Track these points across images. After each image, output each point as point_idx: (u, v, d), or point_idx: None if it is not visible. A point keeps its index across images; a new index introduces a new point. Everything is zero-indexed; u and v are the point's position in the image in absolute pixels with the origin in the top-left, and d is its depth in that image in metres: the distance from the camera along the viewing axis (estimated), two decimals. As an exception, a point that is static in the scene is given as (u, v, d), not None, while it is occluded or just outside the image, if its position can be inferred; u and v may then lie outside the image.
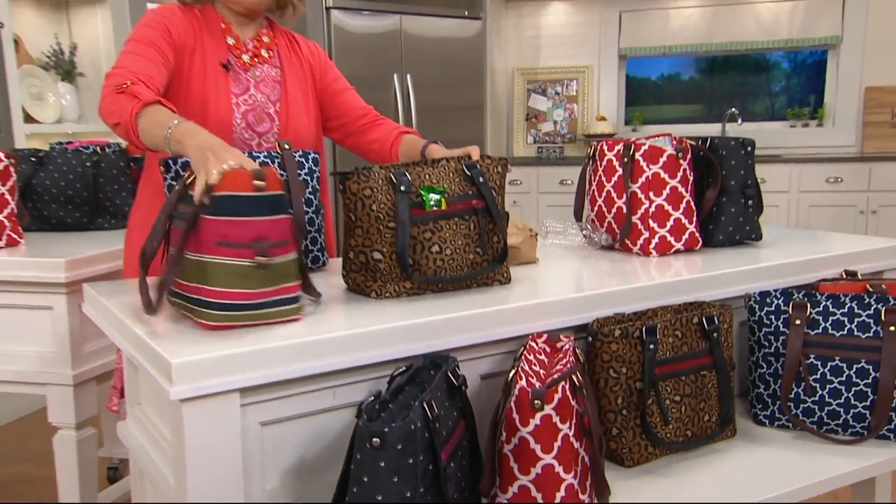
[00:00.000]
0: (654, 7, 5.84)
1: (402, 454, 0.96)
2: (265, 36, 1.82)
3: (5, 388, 1.94)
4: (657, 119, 6.21)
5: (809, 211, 5.21)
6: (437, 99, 5.18)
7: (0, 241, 1.92)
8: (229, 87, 1.74)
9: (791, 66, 6.03)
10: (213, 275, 1.14)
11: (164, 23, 1.67)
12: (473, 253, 1.38)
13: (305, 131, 1.85)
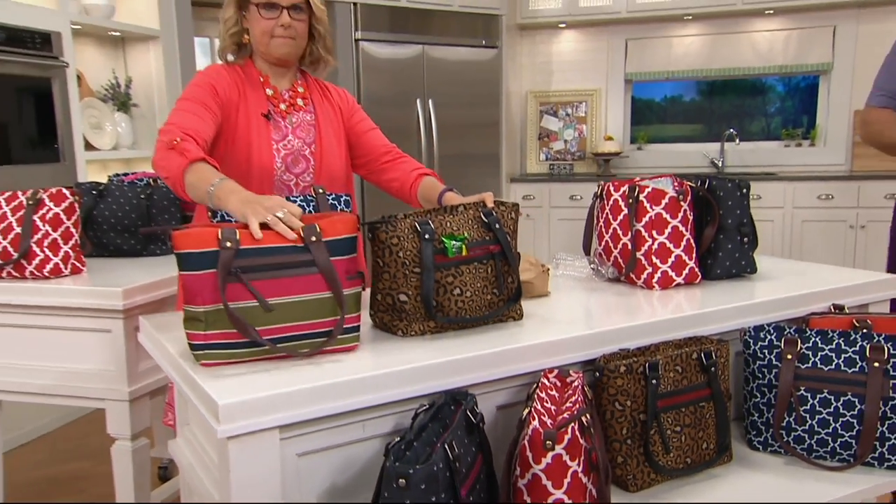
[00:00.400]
0: (658, 36, 5.81)
1: (425, 493, 0.97)
2: (300, 86, 1.89)
3: (69, 402, 1.98)
4: (661, 138, 6.17)
5: (802, 226, 5.16)
6: (457, 119, 5.19)
7: (66, 269, 1.95)
8: (270, 134, 1.79)
9: (785, 89, 5.97)
10: (348, 304, 1.24)
11: (210, 82, 1.73)
12: (491, 294, 1.39)
13: (338, 169, 1.89)
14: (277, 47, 1.78)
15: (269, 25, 1.75)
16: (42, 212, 1.93)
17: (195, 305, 1.18)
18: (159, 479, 2.67)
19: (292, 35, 1.77)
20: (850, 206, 5.04)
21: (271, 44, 1.77)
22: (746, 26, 5.61)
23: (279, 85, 1.86)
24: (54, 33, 3.23)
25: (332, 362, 1.22)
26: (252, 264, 1.19)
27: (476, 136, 5.38)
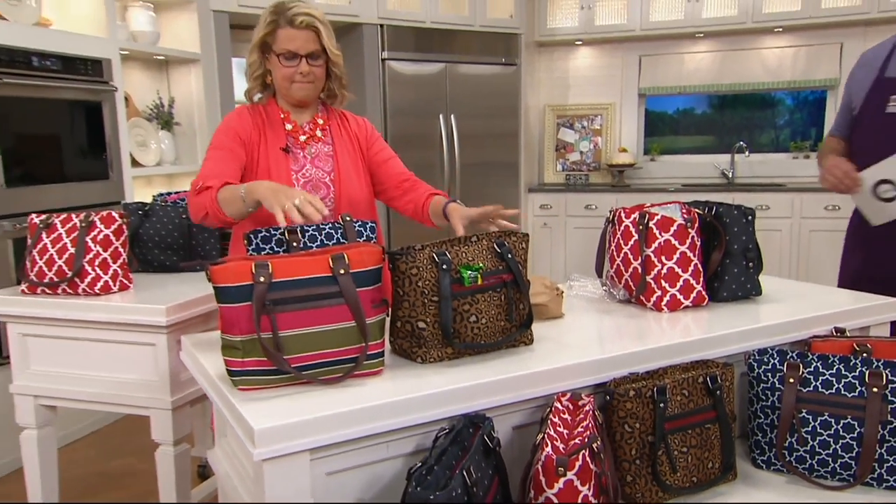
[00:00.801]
0: (671, 52, 5.77)
1: (444, 517, 0.99)
2: (319, 118, 1.96)
3: (117, 409, 2.02)
4: (673, 149, 6.13)
5: (810, 235, 5.10)
6: (478, 131, 5.21)
7: (114, 286, 2.00)
8: (289, 165, 1.87)
9: (794, 102, 5.90)
10: (373, 332, 1.26)
11: (233, 127, 1.84)
12: (504, 320, 1.40)
13: (358, 196, 1.94)
14: (297, 91, 1.86)
15: (289, 72, 1.83)
16: (94, 233, 1.98)
17: (232, 335, 1.21)
18: (198, 477, 2.72)
19: (311, 80, 1.85)
20: (856, 216, 4.97)
21: (292, 88, 1.86)
22: (756, 43, 5.55)
23: (299, 119, 1.94)
24: (105, 60, 3.30)
25: (357, 386, 1.24)
26: (284, 296, 1.21)
27: (496, 147, 5.39)
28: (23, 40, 2.92)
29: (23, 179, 2.92)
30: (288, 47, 1.80)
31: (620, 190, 5.56)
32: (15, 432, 2.12)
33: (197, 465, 2.75)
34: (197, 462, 2.75)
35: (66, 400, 2.04)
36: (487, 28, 5.15)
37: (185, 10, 3.93)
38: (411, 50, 4.85)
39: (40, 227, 2.01)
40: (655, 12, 5.46)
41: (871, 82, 2.19)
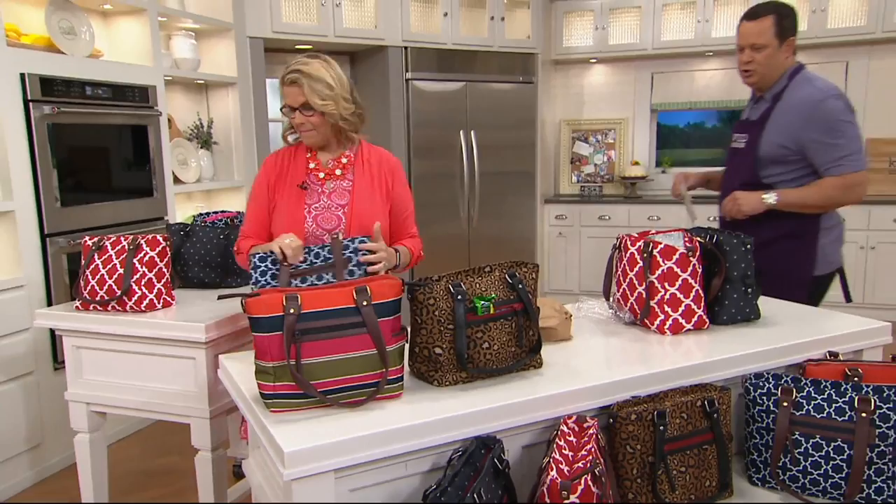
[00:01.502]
0: (682, 70, 5.75)
1: (456, 537, 1.03)
2: (344, 157, 2.03)
3: (160, 417, 2.10)
4: (684, 161, 6.09)
5: (815, 245, 5.03)
6: (496, 145, 5.25)
7: (158, 304, 2.07)
8: (304, 200, 1.98)
9: (801, 116, 5.84)
10: (393, 358, 1.31)
11: (264, 179, 2.03)
12: (515, 346, 1.43)
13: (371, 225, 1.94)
14: (304, 139, 1.99)
15: (294, 122, 1.95)
16: (140, 255, 2.05)
17: (265, 361, 1.26)
18: (233, 476, 2.78)
19: (309, 128, 1.93)
20: (861, 228, 4.92)
21: (301, 136, 1.98)
22: (764, 61, 5.50)
23: (323, 158, 2.03)
24: (150, 87, 3.38)
25: (378, 410, 1.29)
26: (312, 326, 1.26)
27: (513, 160, 5.42)
28: (78, 71, 3.01)
29: (76, 199, 3.01)
30: (285, 102, 1.93)
31: (633, 201, 5.55)
32: (71, 432, 2.20)
33: (232, 465, 2.82)
34: (232, 462, 2.81)
35: (114, 407, 2.12)
36: (506, 49, 5.18)
37: (223, 38, 4.02)
38: (433, 70, 4.89)
39: (93, 249, 2.08)
40: (667, 32, 5.45)
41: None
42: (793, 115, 2.25)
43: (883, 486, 1.37)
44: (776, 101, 2.30)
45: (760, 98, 2.38)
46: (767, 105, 2.33)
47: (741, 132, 2.42)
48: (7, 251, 2.79)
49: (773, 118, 2.29)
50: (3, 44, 2.69)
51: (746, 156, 2.35)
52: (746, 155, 2.35)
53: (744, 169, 2.35)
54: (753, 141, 2.33)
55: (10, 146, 2.72)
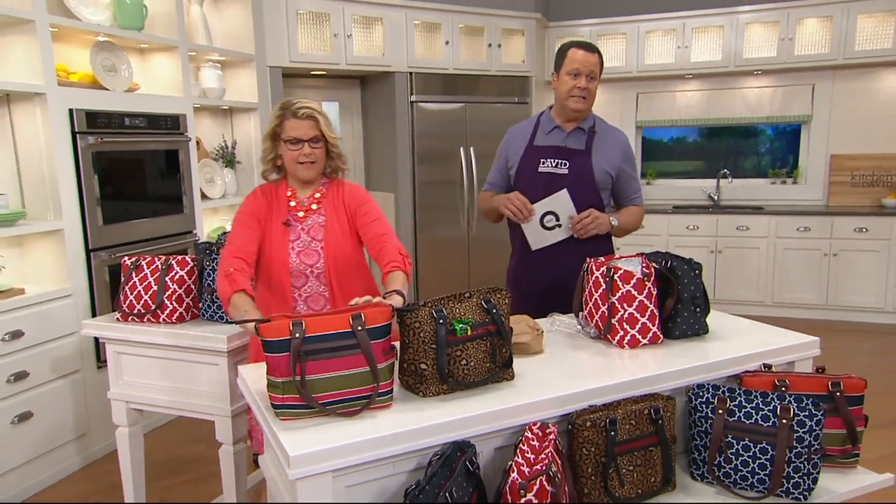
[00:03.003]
0: (665, 90, 5.84)
1: (430, 529, 1.15)
2: (317, 192, 2.05)
3: (188, 414, 2.22)
4: (668, 172, 6.19)
5: (784, 253, 5.13)
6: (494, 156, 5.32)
7: (187, 317, 2.20)
8: (288, 237, 2.00)
9: (774, 132, 5.92)
10: (383, 375, 1.42)
11: (250, 209, 2.02)
12: (489, 362, 1.55)
13: (346, 257, 2.02)
14: (302, 172, 1.98)
15: (295, 155, 1.95)
16: (171, 274, 2.18)
17: (275, 377, 1.39)
18: (254, 464, 2.91)
19: (313, 160, 1.97)
20: (824, 237, 5.00)
21: (298, 169, 1.98)
22: (738, 83, 5.60)
23: (302, 195, 2.05)
24: (181, 115, 3.52)
25: (370, 418, 1.41)
26: (314, 348, 1.38)
27: (511, 173, 5.52)
28: (118, 104, 3.15)
29: (116, 217, 3.15)
30: (293, 135, 1.94)
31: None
32: (112, 425, 2.34)
33: (253, 453, 2.94)
34: (251, 451, 2.94)
35: (149, 405, 2.25)
36: (502, 72, 5.28)
37: (245, 67, 4.15)
38: (436, 93, 5.01)
39: (131, 268, 2.22)
40: (650, 56, 5.53)
41: (523, 149, 2.42)
42: (613, 147, 2.36)
43: (799, 482, 1.48)
44: (592, 133, 2.35)
45: (576, 129, 2.35)
46: (585, 135, 2.35)
47: (560, 158, 2.33)
48: (56, 265, 2.94)
49: (595, 148, 2.34)
50: (54, 84, 2.83)
51: (583, 180, 2.32)
52: (582, 179, 2.32)
53: (586, 191, 2.32)
54: (586, 167, 2.32)
55: (60, 173, 2.87)
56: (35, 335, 2.77)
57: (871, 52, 4.90)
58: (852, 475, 1.62)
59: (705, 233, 5.29)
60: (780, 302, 5.15)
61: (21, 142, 2.88)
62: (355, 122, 5.34)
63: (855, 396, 1.62)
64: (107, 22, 3.19)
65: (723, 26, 5.25)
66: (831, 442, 1.61)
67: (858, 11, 4.88)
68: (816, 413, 1.47)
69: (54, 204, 2.89)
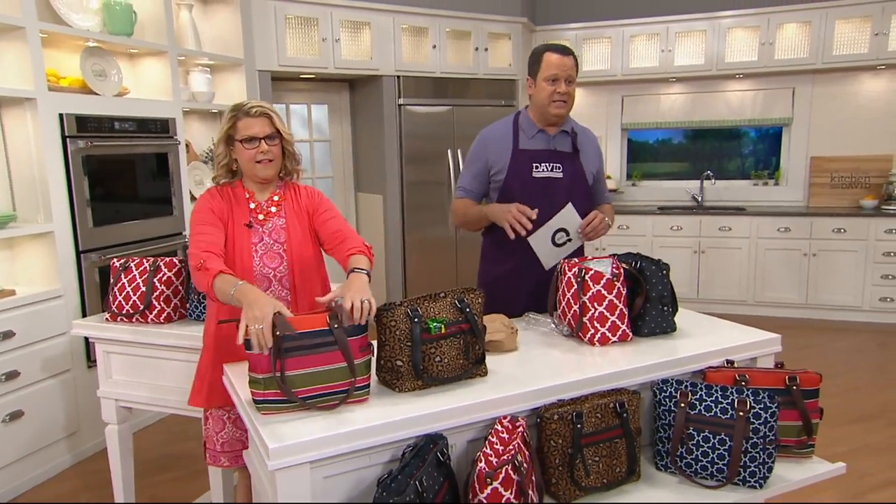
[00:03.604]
0: (649, 93, 5.93)
1: (400, 515, 1.23)
2: (276, 195, 2.02)
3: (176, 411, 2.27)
4: (654, 173, 6.28)
5: (765, 253, 5.23)
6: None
7: (175, 316, 2.25)
8: (251, 239, 1.95)
9: (757, 134, 6.02)
10: (360, 370, 1.49)
11: (208, 206, 1.93)
12: (463, 359, 1.62)
13: (307, 258, 2.01)
14: (261, 171, 1.94)
15: (252, 154, 1.91)
16: (160, 275, 2.24)
17: (256, 373, 1.46)
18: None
19: (271, 158, 1.93)
20: (804, 237, 5.10)
21: (256, 168, 1.93)
22: (721, 87, 5.69)
23: (261, 197, 2.00)
24: (170, 119, 3.58)
25: (348, 412, 1.48)
26: (293, 345, 1.45)
27: (499, 175, 5.59)
28: (108, 109, 3.21)
29: (106, 219, 3.21)
30: (248, 133, 1.90)
31: (604, 211, 5.72)
32: (102, 423, 2.39)
33: (242, 449, 3.01)
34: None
35: (138, 403, 2.31)
36: (489, 76, 5.36)
37: (235, 72, 4.20)
38: (423, 96, 5.08)
39: (120, 270, 2.28)
40: (634, 60, 5.62)
41: (509, 154, 2.34)
42: (592, 148, 2.42)
43: (755, 471, 1.57)
44: (575, 135, 2.38)
45: (560, 132, 2.35)
46: (569, 137, 2.37)
47: (553, 162, 2.33)
48: (47, 266, 2.99)
49: (581, 150, 2.38)
50: (45, 89, 2.89)
51: (578, 183, 2.35)
52: (577, 182, 2.35)
53: (581, 194, 2.35)
54: (578, 169, 2.36)
55: (51, 177, 2.92)
56: (26, 335, 2.82)
57: (848, 57, 5.01)
58: (807, 465, 1.70)
59: (689, 233, 5.38)
60: (762, 301, 5.25)
61: (12, 146, 2.93)
62: (344, 125, 5.41)
63: (810, 390, 1.69)
64: (96, 28, 3.25)
65: (705, 31, 5.34)
66: (788, 433, 1.69)
67: (836, 17, 4.99)
68: (771, 406, 1.56)
69: (45, 207, 2.94)
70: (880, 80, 5.23)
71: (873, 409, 3.46)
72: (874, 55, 4.94)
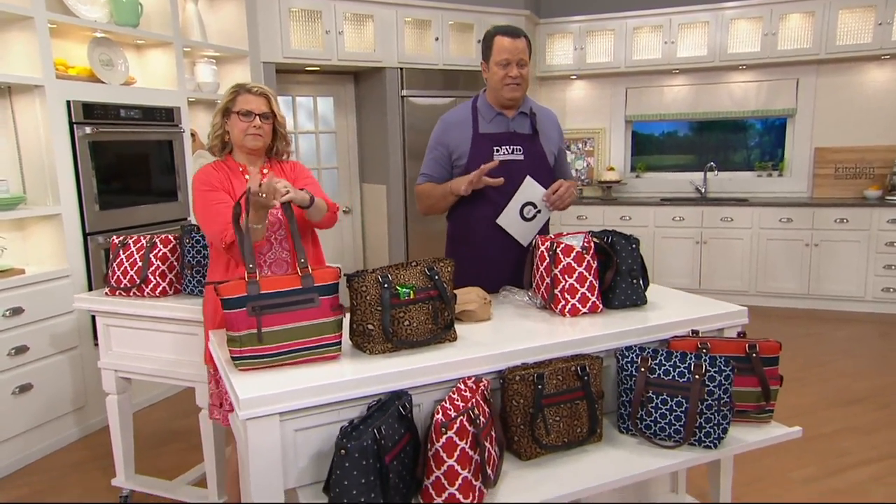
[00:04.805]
0: (653, 85, 5.95)
1: (358, 459, 1.31)
2: (264, 169, 2.15)
3: (170, 381, 2.39)
4: (659, 166, 6.30)
5: (767, 244, 5.24)
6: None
7: (170, 290, 2.36)
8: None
9: (763, 126, 6.01)
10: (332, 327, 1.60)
11: (209, 180, 2.06)
12: (431, 324, 1.70)
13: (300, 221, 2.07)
14: (250, 141, 2.07)
15: (244, 127, 2.05)
16: (155, 251, 2.35)
17: (233, 332, 1.55)
18: (241, 434, 3.08)
19: (261, 133, 2.07)
20: (806, 227, 5.10)
21: (246, 139, 2.06)
22: (724, 78, 5.70)
23: (253, 170, 2.11)
24: (175, 108, 3.70)
25: (318, 368, 1.56)
26: (268, 303, 1.55)
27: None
28: (114, 97, 3.33)
29: (112, 203, 3.34)
30: (246, 107, 2.04)
31: (608, 203, 5.77)
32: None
33: (240, 425, 3.11)
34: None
35: (135, 374, 2.43)
36: (492, 68, 5.41)
37: (240, 63, 4.32)
38: (426, 87, 5.16)
39: (118, 246, 2.39)
40: (637, 52, 5.65)
41: (469, 138, 2.37)
42: (552, 128, 2.46)
43: (710, 431, 1.63)
44: (533, 115, 2.41)
45: (518, 114, 2.38)
46: (528, 119, 2.40)
47: (514, 144, 2.37)
48: (55, 247, 3.13)
49: (540, 130, 2.41)
50: (52, 77, 3.02)
51: (538, 163, 2.39)
52: (537, 162, 2.39)
53: (543, 173, 2.38)
54: (538, 150, 2.40)
55: (58, 161, 3.05)
56: (34, 312, 2.95)
57: (852, 47, 5.00)
58: (765, 428, 1.76)
59: (690, 224, 5.41)
60: (764, 291, 5.26)
61: (22, 131, 3.07)
62: (349, 117, 5.51)
63: (770, 357, 1.75)
64: (104, 19, 3.38)
65: (708, 22, 5.36)
66: (747, 399, 1.75)
67: (839, 7, 4.98)
68: (726, 369, 1.62)
69: (53, 190, 3.07)
70: (885, 70, 5.21)
71: (865, 393, 3.48)
72: (878, 45, 4.92)
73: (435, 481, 1.41)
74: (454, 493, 1.39)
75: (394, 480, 1.39)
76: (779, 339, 1.96)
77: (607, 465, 1.61)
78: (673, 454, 1.64)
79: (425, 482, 1.43)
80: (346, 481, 1.31)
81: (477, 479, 1.43)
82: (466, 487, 1.40)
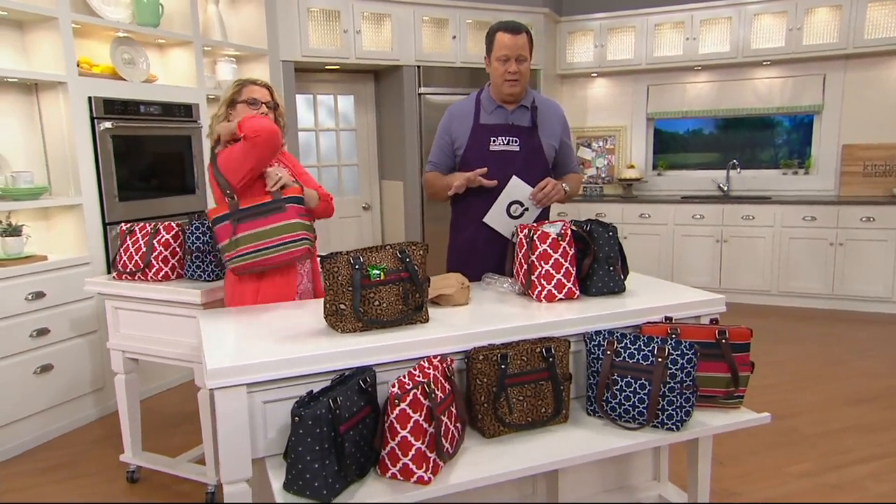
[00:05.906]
0: (675, 82, 5.89)
1: (312, 427, 1.37)
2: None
3: (174, 363, 2.50)
4: (682, 164, 6.22)
5: (790, 243, 5.13)
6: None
7: (172, 275, 2.47)
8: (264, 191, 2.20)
9: (791, 123, 5.88)
10: (297, 227, 1.94)
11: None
12: (402, 305, 1.76)
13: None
14: None
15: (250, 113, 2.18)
16: (159, 237, 2.46)
17: (222, 241, 1.98)
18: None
19: None
20: (830, 226, 4.98)
21: None
22: (748, 74, 5.60)
23: None
24: (193, 104, 3.85)
25: (291, 342, 1.64)
26: (245, 214, 1.93)
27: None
28: (135, 93, 3.49)
29: (131, 195, 3.49)
30: (252, 96, 2.21)
31: (628, 201, 5.72)
32: (110, 376, 2.65)
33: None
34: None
35: (140, 354, 2.55)
36: (510, 66, 5.43)
37: (259, 62, 4.46)
38: (443, 85, 5.22)
39: (126, 233, 2.52)
40: (658, 48, 5.60)
41: (470, 128, 2.45)
42: (554, 121, 2.48)
43: (673, 413, 1.64)
44: (535, 109, 2.45)
45: (518, 107, 2.45)
46: (529, 112, 2.45)
47: (511, 136, 2.43)
48: (77, 235, 3.30)
49: (540, 123, 2.45)
50: (75, 74, 3.19)
51: (534, 155, 2.45)
52: (533, 155, 2.44)
53: (538, 166, 2.44)
54: (535, 143, 2.44)
55: (80, 154, 3.22)
56: (56, 297, 3.12)
57: (880, 41, 4.86)
58: (733, 413, 1.76)
59: (711, 222, 5.33)
60: (786, 291, 5.15)
61: (47, 126, 3.24)
62: (370, 114, 5.61)
63: (740, 344, 1.75)
64: (126, 19, 3.54)
65: (731, 17, 5.28)
66: (716, 384, 1.75)
67: (868, 0, 4.84)
68: (689, 352, 1.63)
69: (75, 181, 3.24)
70: (917, 65, 5.04)
71: (876, 392, 3.38)
72: (908, 38, 4.77)
73: (390, 452, 1.47)
74: (408, 462, 1.45)
75: (350, 450, 1.45)
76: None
77: (568, 443, 1.64)
78: (634, 435, 1.66)
79: (382, 452, 1.49)
80: (300, 447, 1.38)
81: (431, 451, 1.48)
82: (420, 458, 1.45)
